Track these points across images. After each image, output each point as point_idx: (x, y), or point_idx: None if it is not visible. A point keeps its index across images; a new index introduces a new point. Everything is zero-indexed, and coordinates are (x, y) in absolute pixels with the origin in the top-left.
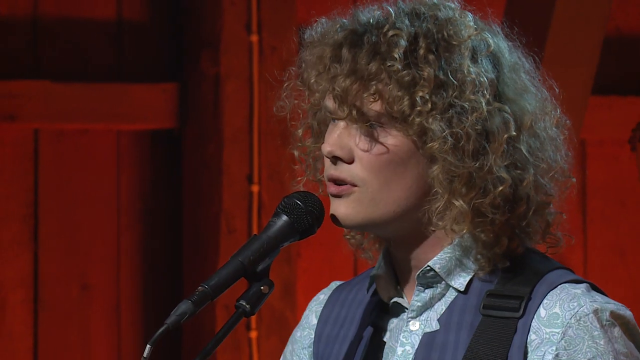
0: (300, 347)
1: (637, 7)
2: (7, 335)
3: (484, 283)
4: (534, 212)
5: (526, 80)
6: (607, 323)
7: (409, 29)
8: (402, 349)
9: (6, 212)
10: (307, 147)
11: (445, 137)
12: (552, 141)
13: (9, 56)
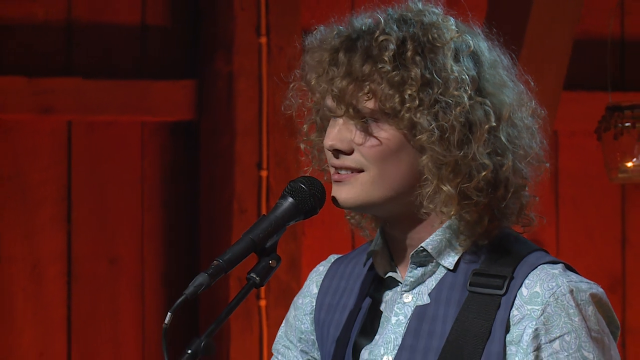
0: (302, 313)
1: (604, 12)
2: (44, 305)
3: (470, 263)
4: (512, 195)
5: (504, 76)
6: (581, 302)
7: (397, 33)
8: (396, 318)
9: (43, 196)
10: (312, 141)
11: (432, 130)
12: (528, 130)
13: (46, 56)
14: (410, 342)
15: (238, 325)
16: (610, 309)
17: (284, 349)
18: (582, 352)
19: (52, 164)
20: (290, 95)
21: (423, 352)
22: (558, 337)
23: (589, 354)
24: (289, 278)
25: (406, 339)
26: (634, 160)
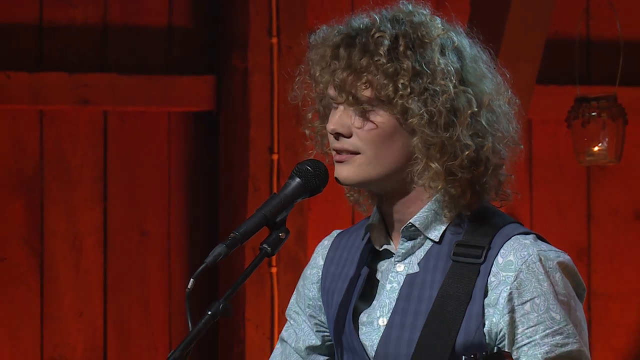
0: (310, 282)
1: (572, 16)
2: (84, 271)
3: (453, 235)
4: (491, 172)
5: (484, 69)
6: (550, 269)
7: (390, 31)
8: (390, 285)
9: (82, 177)
10: (316, 128)
11: (422, 114)
12: (505, 115)
13: (84, 55)
14: (402, 306)
15: (252, 290)
16: (576, 273)
17: (295, 314)
18: (550, 313)
19: (90, 149)
20: (296, 87)
21: (413, 314)
22: (529, 300)
23: (556, 315)
24: (297, 248)
25: (399, 303)
26: (599, 145)
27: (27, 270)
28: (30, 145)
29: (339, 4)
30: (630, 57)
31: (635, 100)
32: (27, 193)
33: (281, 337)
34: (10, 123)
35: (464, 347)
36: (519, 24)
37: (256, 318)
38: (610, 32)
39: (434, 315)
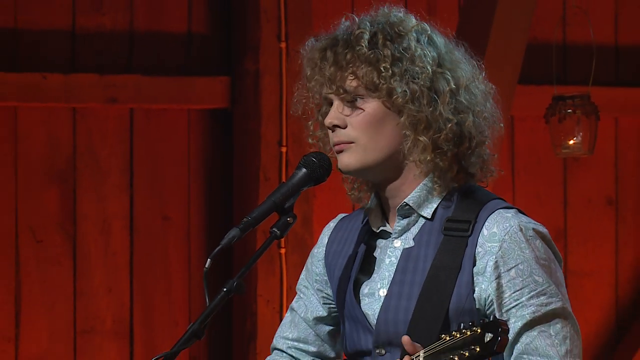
0: (317, 260)
1: (549, 23)
2: (112, 252)
3: (444, 211)
4: (475, 148)
5: (459, 56)
6: (530, 237)
7: (369, 28)
8: (389, 259)
9: (110, 167)
10: (318, 136)
11: (405, 92)
12: (482, 94)
13: (112, 58)
14: (400, 278)
15: (263, 269)
16: (553, 245)
17: (304, 288)
18: (533, 277)
19: (117, 143)
20: (295, 100)
21: (410, 285)
22: (514, 266)
23: (539, 278)
24: (303, 231)
25: (397, 275)
26: (574, 139)
27: (62, 251)
28: (64, 140)
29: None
30: (602, 60)
31: (607, 99)
32: (61, 182)
33: (291, 307)
34: (46, 120)
35: (456, 312)
36: (502, 31)
37: (267, 294)
38: (584, 38)
39: (428, 285)
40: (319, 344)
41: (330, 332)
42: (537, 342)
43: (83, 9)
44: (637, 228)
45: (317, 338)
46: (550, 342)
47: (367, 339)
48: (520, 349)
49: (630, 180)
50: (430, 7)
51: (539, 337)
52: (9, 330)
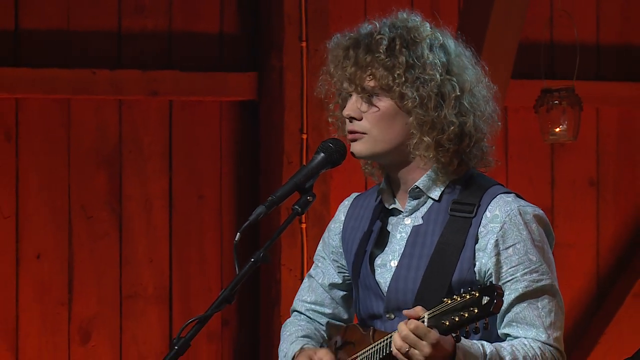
0: (334, 233)
1: (539, 24)
2: (153, 227)
3: (449, 195)
4: (474, 144)
5: (466, 62)
6: (527, 220)
7: (388, 34)
8: (399, 235)
9: (152, 153)
10: (337, 116)
11: (415, 98)
12: (484, 98)
13: (154, 55)
14: (409, 251)
15: (286, 241)
16: (548, 224)
17: (322, 258)
18: (528, 256)
19: (158, 131)
20: (319, 84)
21: (418, 257)
22: (511, 245)
23: (533, 257)
24: (322, 208)
25: (406, 249)
26: (560, 127)
27: (109, 226)
28: (111, 128)
29: (354, 15)
30: (585, 57)
31: (589, 91)
32: (109, 166)
33: (309, 274)
34: (95, 111)
35: (458, 283)
36: (497, 32)
37: (289, 263)
38: (569, 37)
39: (434, 258)
40: (333, 307)
41: (343, 297)
42: (526, 313)
43: (127, 12)
44: (615, 206)
45: (332, 301)
46: (537, 314)
47: (378, 305)
48: (510, 317)
49: (609, 163)
50: (434, 9)
51: (528, 309)
52: (63, 296)
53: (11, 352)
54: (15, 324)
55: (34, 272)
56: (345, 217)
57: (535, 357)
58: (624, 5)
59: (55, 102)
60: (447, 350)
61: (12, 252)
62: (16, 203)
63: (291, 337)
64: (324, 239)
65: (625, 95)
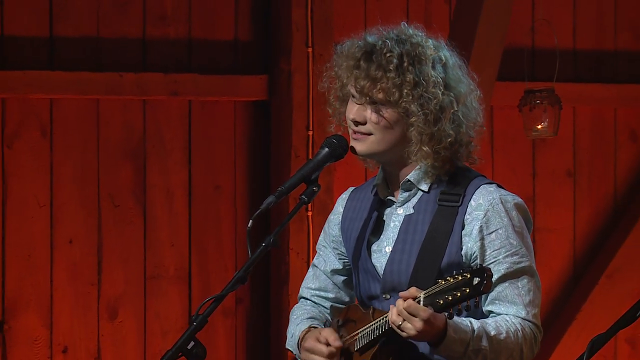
0: (333, 224)
1: (522, 31)
2: (174, 214)
3: (438, 187)
4: (464, 147)
5: (461, 75)
6: (508, 208)
7: (397, 51)
8: (393, 223)
9: (173, 147)
10: (336, 107)
11: (419, 114)
12: (474, 109)
13: (175, 60)
14: (402, 237)
15: (294, 228)
16: (527, 212)
17: (323, 247)
18: (509, 240)
19: (178, 127)
20: (324, 80)
21: (410, 243)
22: (494, 230)
23: (513, 241)
24: (326, 198)
25: (400, 235)
26: (541, 124)
27: (134, 213)
28: (137, 125)
29: (356, 24)
30: (564, 61)
31: (567, 92)
32: (134, 159)
33: (313, 264)
34: (122, 109)
35: (447, 265)
36: (484, 39)
37: (297, 247)
38: (549, 43)
39: (425, 244)
40: (336, 292)
41: (344, 281)
42: (507, 292)
43: (151, 21)
44: (590, 194)
45: (334, 286)
46: (518, 293)
47: (375, 287)
48: (493, 295)
49: (585, 156)
50: (427, 19)
51: (509, 288)
52: (93, 277)
53: (46, 328)
54: (50, 302)
55: (67, 255)
56: (343, 209)
57: (516, 331)
58: (598, 14)
59: (86, 102)
60: (439, 327)
61: (47, 237)
62: (50, 193)
63: (298, 320)
64: (325, 230)
65: (599, 96)
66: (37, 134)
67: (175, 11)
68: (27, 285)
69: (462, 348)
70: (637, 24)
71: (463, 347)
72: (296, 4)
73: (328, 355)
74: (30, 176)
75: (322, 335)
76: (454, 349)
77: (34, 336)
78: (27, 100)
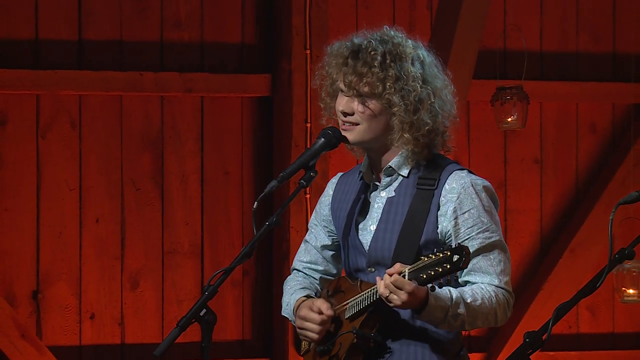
0: (324, 205)
1: (495, 35)
2: (189, 197)
3: (416, 172)
4: (440, 136)
5: (437, 72)
6: (478, 190)
7: (381, 49)
8: (377, 205)
9: (187, 138)
10: (326, 101)
11: (400, 104)
12: (449, 102)
13: (189, 60)
14: (385, 217)
15: (294, 208)
16: (494, 193)
17: (314, 225)
18: (480, 219)
19: (192, 120)
20: (316, 78)
21: (392, 222)
22: (467, 211)
23: (484, 219)
24: (322, 182)
25: (383, 215)
26: (511, 117)
27: (153, 196)
28: (155, 118)
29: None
30: (531, 62)
31: (534, 89)
32: (153, 148)
33: (305, 239)
34: (142, 104)
35: (425, 242)
36: (461, 42)
37: (297, 226)
38: (518, 46)
39: (406, 223)
40: (325, 265)
41: (332, 256)
42: (481, 264)
43: (168, 27)
44: (555, 179)
45: (323, 260)
46: (490, 264)
47: (361, 260)
48: (469, 267)
49: (550, 146)
50: (411, 25)
51: (482, 260)
52: (116, 252)
53: (75, 297)
54: (78, 274)
55: (94, 233)
56: (333, 192)
57: (490, 297)
58: (562, 20)
59: (111, 97)
60: (421, 297)
61: (77, 217)
62: (79, 178)
63: (291, 290)
64: (316, 210)
65: (562, 92)
66: (67, 126)
67: (189, 18)
68: (58, 259)
69: (442, 314)
70: (596, 29)
71: (443, 313)
72: (296, 12)
73: (320, 322)
74: (62, 163)
75: (315, 305)
76: (435, 315)
77: (65, 304)
78: (58, 96)
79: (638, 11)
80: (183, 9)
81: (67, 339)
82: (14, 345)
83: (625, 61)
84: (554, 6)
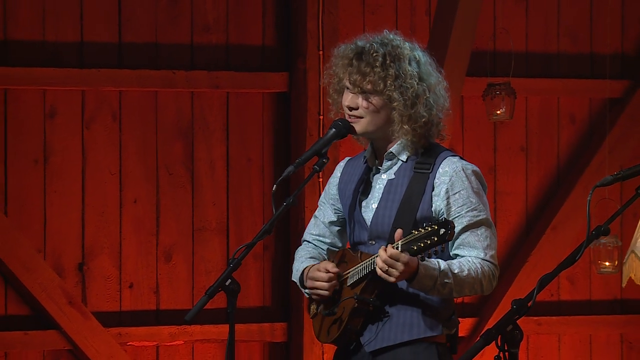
0: (332, 185)
1: (485, 37)
2: (215, 180)
3: (414, 158)
4: (435, 126)
5: (432, 70)
6: (468, 174)
7: (381, 51)
8: (378, 186)
9: (215, 128)
10: (334, 97)
11: (399, 100)
12: (442, 96)
13: (216, 60)
14: (385, 197)
15: (309, 190)
16: (482, 177)
17: (323, 203)
18: (469, 199)
19: (218, 112)
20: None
21: (391, 201)
22: (458, 191)
23: (473, 199)
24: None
25: (383, 195)
26: (500, 110)
27: (184, 180)
28: (186, 110)
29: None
30: (518, 61)
31: (521, 85)
32: (184, 137)
33: (314, 215)
34: (174, 99)
35: (420, 218)
36: (456, 44)
37: (311, 206)
38: (507, 47)
39: (403, 202)
40: (331, 238)
41: (338, 231)
42: (469, 239)
43: (198, 30)
44: (538, 165)
45: (330, 234)
46: (477, 239)
47: (364, 234)
48: (458, 242)
49: (534, 135)
50: (412, 28)
51: (470, 236)
52: (152, 228)
53: (116, 268)
54: (119, 248)
55: (132, 212)
56: (340, 174)
57: (476, 269)
58: (545, 24)
59: (147, 93)
60: (413, 267)
61: (117, 198)
62: (120, 164)
63: (302, 258)
64: (325, 190)
65: (545, 88)
66: (109, 119)
67: (216, 23)
68: (101, 235)
69: (431, 282)
70: (575, 32)
71: (432, 282)
72: (311, 17)
73: (327, 279)
74: (104, 151)
75: (321, 266)
76: (425, 283)
77: (107, 275)
78: (101, 92)
79: (612, 16)
80: (211, 15)
81: (108, 305)
82: (62, 311)
83: (601, 60)
84: (538, 12)
